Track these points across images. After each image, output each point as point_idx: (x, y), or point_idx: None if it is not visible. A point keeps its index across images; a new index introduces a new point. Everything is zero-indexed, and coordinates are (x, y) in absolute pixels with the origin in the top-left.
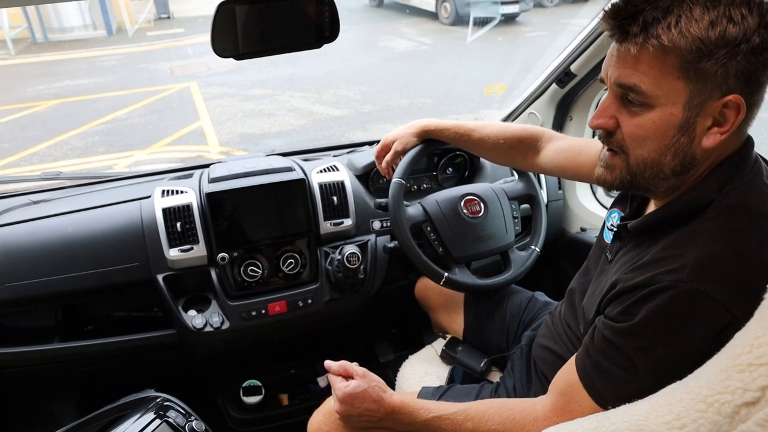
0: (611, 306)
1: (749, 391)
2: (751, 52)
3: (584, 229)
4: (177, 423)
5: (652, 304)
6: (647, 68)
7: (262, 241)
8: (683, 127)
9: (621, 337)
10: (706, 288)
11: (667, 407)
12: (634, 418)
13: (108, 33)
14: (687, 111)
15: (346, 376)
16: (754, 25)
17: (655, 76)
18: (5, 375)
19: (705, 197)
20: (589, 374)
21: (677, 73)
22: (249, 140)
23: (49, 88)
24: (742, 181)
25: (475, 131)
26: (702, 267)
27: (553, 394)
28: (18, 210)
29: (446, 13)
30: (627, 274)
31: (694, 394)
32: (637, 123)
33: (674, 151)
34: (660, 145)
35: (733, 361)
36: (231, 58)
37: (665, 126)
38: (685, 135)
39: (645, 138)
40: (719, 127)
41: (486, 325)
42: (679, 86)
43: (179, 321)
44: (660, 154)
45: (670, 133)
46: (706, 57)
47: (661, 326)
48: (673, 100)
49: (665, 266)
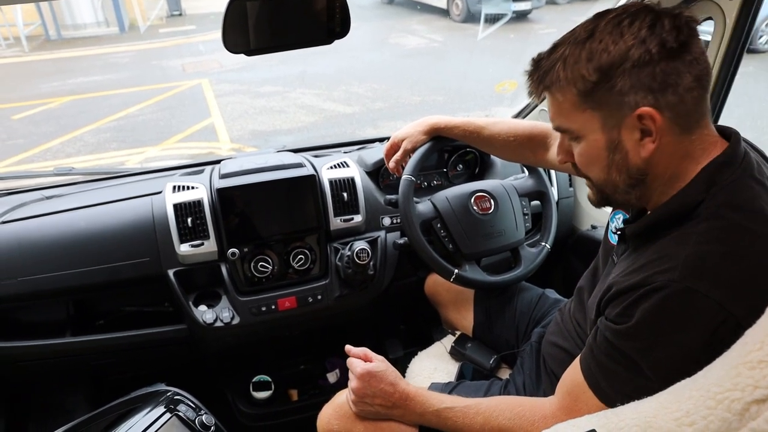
0: (609, 307)
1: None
2: (636, 67)
3: (595, 227)
4: (187, 417)
5: (647, 304)
6: (559, 110)
7: (272, 236)
8: (611, 148)
9: (620, 338)
10: (698, 286)
11: (676, 404)
12: (642, 415)
13: (120, 30)
14: (607, 133)
15: (365, 360)
16: (629, 44)
17: (567, 114)
18: (18, 368)
19: (693, 199)
20: (594, 374)
21: (581, 107)
22: (260, 137)
23: (63, 85)
24: (731, 179)
25: (484, 128)
26: (694, 266)
27: (560, 393)
28: (31, 205)
29: (457, 10)
30: (623, 277)
31: (704, 391)
32: (578, 153)
33: (616, 168)
34: (602, 166)
35: (744, 358)
36: (242, 54)
37: (596, 150)
38: (617, 153)
39: (588, 164)
40: (649, 137)
41: (496, 322)
42: (588, 116)
43: (190, 316)
44: (606, 173)
45: (603, 155)
46: (595, 87)
47: (657, 326)
48: (591, 128)
49: (658, 267)
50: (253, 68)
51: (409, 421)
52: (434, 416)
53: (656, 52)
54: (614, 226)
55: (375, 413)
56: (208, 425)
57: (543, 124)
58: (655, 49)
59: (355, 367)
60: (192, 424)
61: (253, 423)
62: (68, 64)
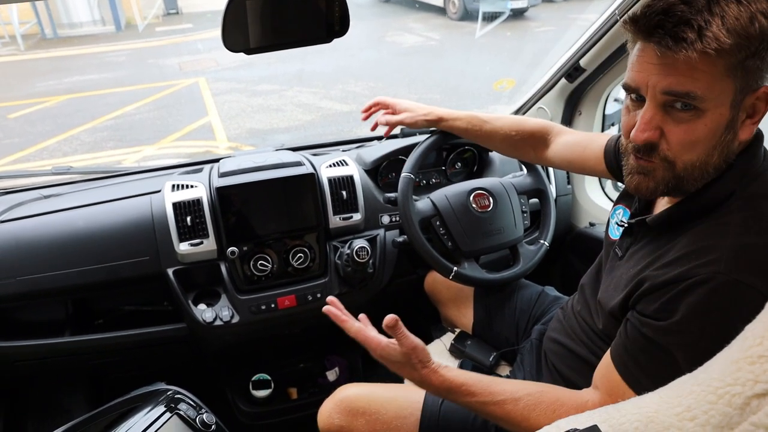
0: (643, 303)
1: (760, 382)
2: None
3: (593, 224)
4: (188, 416)
5: (692, 298)
6: (701, 73)
7: (271, 235)
8: (729, 126)
9: (663, 334)
10: (745, 278)
11: (677, 399)
12: (644, 410)
13: (117, 28)
14: (732, 109)
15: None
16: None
17: (708, 81)
18: (17, 368)
19: (727, 189)
20: (632, 372)
21: (727, 74)
22: (257, 135)
23: (59, 84)
24: (759, 170)
25: (486, 123)
26: (738, 257)
27: (600, 394)
28: (29, 204)
29: (454, 8)
30: (656, 271)
31: (705, 386)
32: (688, 129)
33: (720, 149)
34: (709, 146)
35: (744, 353)
36: (241, 53)
37: (716, 127)
38: (731, 132)
39: (696, 143)
40: (751, 119)
41: (495, 319)
42: (728, 86)
43: (189, 315)
44: (708, 155)
45: (719, 133)
46: (751, 54)
47: (705, 319)
48: (722, 101)
49: (699, 259)
50: (250, 66)
51: (427, 385)
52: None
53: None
54: (618, 220)
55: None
56: (209, 424)
57: (543, 121)
58: None
59: (404, 337)
60: (193, 422)
61: (253, 421)
62: (64, 63)
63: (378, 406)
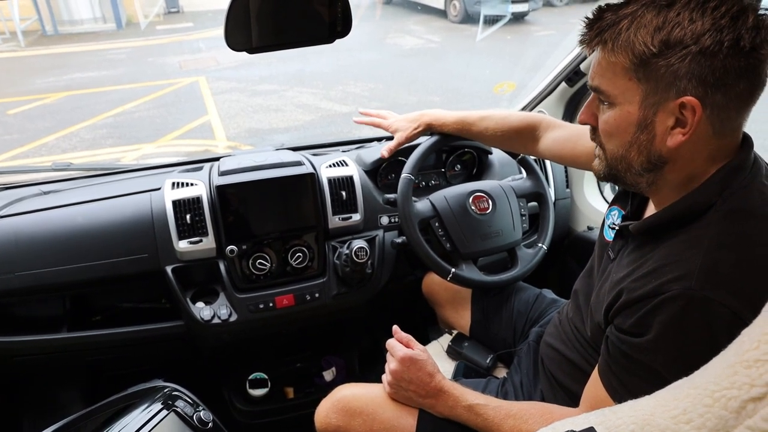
0: (620, 317)
1: (756, 386)
2: (701, 54)
3: (591, 228)
4: (185, 413)
5: (663, 316)
6: (604, 70)
7: (270, 234)
8: (641, 126)
9: (642, 353)
10: (716, 295)
11: (673, 402)
12: (640, 413)
13: (117, 26)
14: (643, 110)
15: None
16: (705, 28)
17: (610, 78)
18: (14, 363)
19: (706, 200)
20: (618, 391)
21: (628, 74)
22: (256, 135)
23: (59, 81)
24: (743, 184)
25: (473, 125)
26: (709, 274)
27: (587, 409)
28: (29, 200)
29: (455, 11)
30: (632, 283)
31: (701, 389)
32: (604, 120)
33: (637, 147)
34: (624, 141)
35: (740, 357)
36: (244, 52)
37: (624, 123)
38: (644, 133)
39: (611, 134)
40: (681, 128)
41: (493, 321)
42: (632, 86)
43: (187, 313)
44: (625, 149)
45: (630, 130)
46: (652, 59)
47: (680, 337)
48: (629, 99)
49: (672, 273)
50: (251, 66)
51: (438, 412)
52: (465, 411)
53: (728, 46)
54: (611, 222)
55: (407, 398)
56: (206, 421)
57: (532, 115)
58: (727, 43)
59: (396, 350)
60: (190, 420)
61: (249, 420)
62: (64, 60)
63: (375, 406)
